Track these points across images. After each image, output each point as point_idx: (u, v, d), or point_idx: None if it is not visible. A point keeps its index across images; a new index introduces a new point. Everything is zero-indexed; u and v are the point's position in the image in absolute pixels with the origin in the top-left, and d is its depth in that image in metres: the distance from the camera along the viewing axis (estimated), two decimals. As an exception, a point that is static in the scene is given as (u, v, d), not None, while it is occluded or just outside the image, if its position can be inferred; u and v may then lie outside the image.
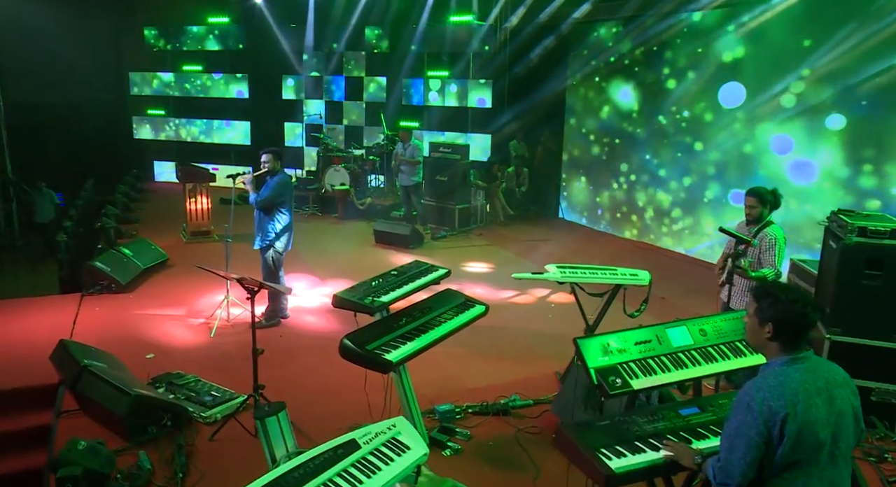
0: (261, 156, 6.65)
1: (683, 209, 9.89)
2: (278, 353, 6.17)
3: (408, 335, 4.12)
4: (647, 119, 10.33)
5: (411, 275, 4.57)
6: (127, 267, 7.97)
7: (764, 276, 4.81)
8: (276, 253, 6.64)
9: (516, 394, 5.33)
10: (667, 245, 10.20)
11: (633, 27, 10.15)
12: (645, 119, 10.37)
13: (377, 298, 4.07)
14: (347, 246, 10.10)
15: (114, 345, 5.97)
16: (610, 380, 2.81)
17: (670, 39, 9.67)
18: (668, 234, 10.21)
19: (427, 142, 12.28)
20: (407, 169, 10.58)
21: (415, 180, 10.71)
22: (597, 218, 11.63)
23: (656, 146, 10.23)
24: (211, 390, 5.16)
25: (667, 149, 10.06)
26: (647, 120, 10.31)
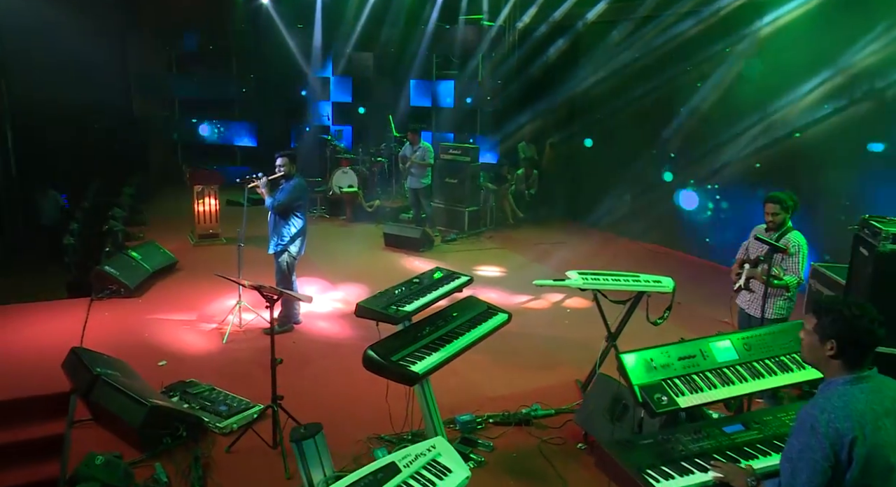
0: (276, 159, 6.54)
1: (695, 212, 9.78)
2: (292, 360, 6.03)
3: (432, 345, 4.02)
4: (662, 120, 10.21)
5: (434, 283, 4.46)
6: (136, 271, 7.86)
7: (787, 284, 4.70)
8: (290, 257, 6.54)
9: (537, 404, 5.23)
10: (679, 248, 10.08)
11: (649, 28, 10.00)
12: (660, 120, 10.24)
13: (401, 308, 3.96)
14: (357, 250, 9.98)
15: (125, 352, 5.87)
16: (655, 398, 2.69)
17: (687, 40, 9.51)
18: (680, 238, 10.09)
19: (437, 145, 12.15)
20: (416, 171, 10.46)
21: (424, 183, 10.59)
22: (607, 220, 11.50)
23: (670, 148, 10.12)
24: (226, 399, 5.05)
25: (682, 150, 9.95)
26: (663, 121, 10.19)
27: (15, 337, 6.27)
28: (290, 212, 6.46)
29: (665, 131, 10.03)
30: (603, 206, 11.53)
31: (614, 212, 11.30)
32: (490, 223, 11.65)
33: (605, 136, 11.45)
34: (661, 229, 10.46)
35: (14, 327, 6.52)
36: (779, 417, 2.86)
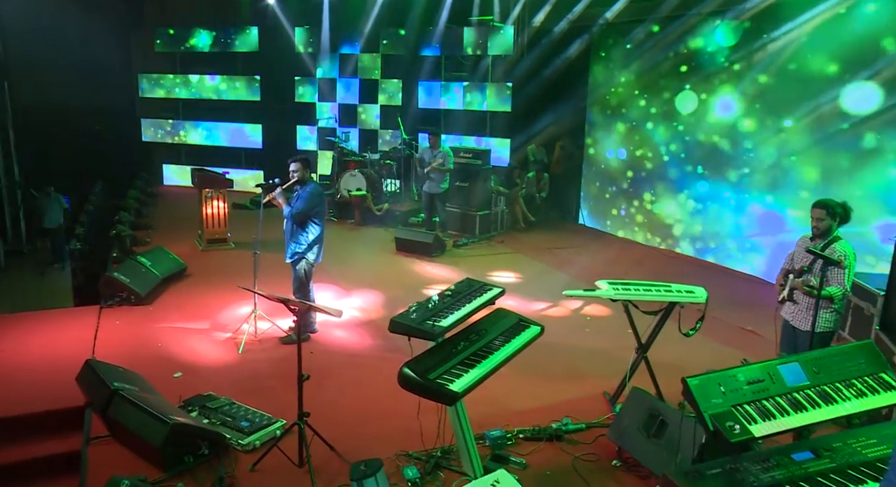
0: (289, 165, 6.36)
1: (711, 216, 9.63)
2: (312, 372, 5.77)
3: (468, 361, 3.86)
4: (676, 123, 10.08)
5: (467, 296, 4.30)
6: (145, 278, 7.69)
7: (831, 295, 4.54)
8: (308, 265, 6.37)
9: (567, 418, 5.07)
10: (691, 252, 9.94)
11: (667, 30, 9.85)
12: (675, 123, 10.11)
13: (437, 323, 3.80)
14: (369, 255, 9.81)
15: (139, 363, 5.71)
16: (727, 426, 2.54)
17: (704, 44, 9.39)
18: (695, 242, 9.95)
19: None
20: (436, 176, 10.28)
21: (443, 188, 10.41)
22: (620, 225, 11.36)
23: (686, 152, 9.98)
24: (247, 414, 4.88)
25: (697, 155, 9.80)
26: (677, 124, 10.06)
27: (24, 348, 6.10)
28: (308, 220, 6.29)
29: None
30: (615, 210, 11.42)
31: (628, 217, 11.19)
32: (501, 227, 11.50)
33: (618, 138, 11.30)
34: (674, 233, 10.32)
35: (23, 337, 6.35)
36: (849, 444, 2.71)
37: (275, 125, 14.35)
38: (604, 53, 11.26)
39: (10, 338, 6.27)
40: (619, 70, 10.92)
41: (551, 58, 11.73)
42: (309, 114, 14.14)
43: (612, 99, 11.20)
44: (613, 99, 11.16)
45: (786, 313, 4.98)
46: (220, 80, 14.45)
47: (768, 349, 6.56)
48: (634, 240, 11.01)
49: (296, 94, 14.17)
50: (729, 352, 6.53)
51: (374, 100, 13.77)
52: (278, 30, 13.66)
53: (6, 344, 6.13)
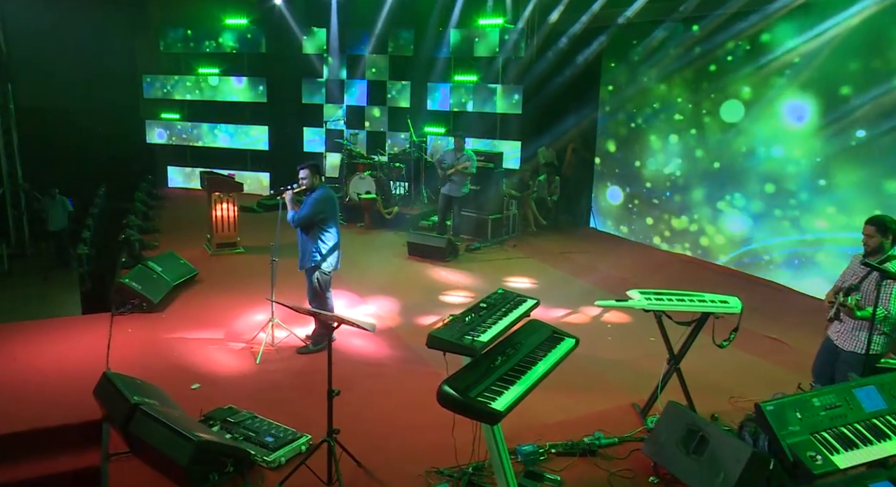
0: (298, 171, 6.21)
1: (732, 220, 9.50)
2: (334, 383, 5.74)
3: (507, 377, 3.71)
4: (692, 126, 9.95)
5: (504, 308, 4.15)
6: (157, 284, 7.53)
7: (866, 316, 4.33)
8: (322, 274, 6.21)
9: (599, 431, 4.93)
10: (713, 258, 9.80)
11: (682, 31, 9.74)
12: (690, 126, 9.98)
13: (477, 338, 3.65)
14: (381, 259, 9.66)
15: (154, 374, 5.56)
16: (808, 457, 2.40)
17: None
18: (717, 247, 9.82)
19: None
20: (458, 179, 10.12)
21: (463, 192, 10.25)
22: (634, 229, 11.22)
23: (702, 155, 9.85)
24: (270, 429, 4.73)
25: (714, 158, 9.68)
26: (692, 127, 9.93)
27: (37, 358, 5.94)
28: (317, 227, 6.12)
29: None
30: (629, 214, 11.29)
31: (640, 221, 11.06)
32: (512, 231, 11.35)
33: (631, 141, 11.17)
34: (691, 238, 10.19)
35: (35, 346, 6.18)
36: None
37: (281, 127, 14.18)
38: (619, 54, 11.11)
39: (21, 348, 6.11)
40: (636, 72, 10.77)
41: (564, 59, 11.58)
42: (316, 115, 13.98)
43: (628, 102, 11.05)
44: (630, 102, 11.01)
45: (831, 331, 4.80)
46: (227, 81, 14.28)
47: (796, 359, 6.44)
48: (649, 244, 10.86)
49: (303, 96, 14.01)
50: (756, 362, 6.41)
51: (383, 101, 13.61)
52: (285, 31, 13.49)
53: (18, 353, 5.98)
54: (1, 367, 5.65)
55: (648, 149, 10.75)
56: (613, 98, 11.39)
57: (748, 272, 9.25)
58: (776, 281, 8.84)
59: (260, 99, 14.13)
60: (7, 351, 5.98)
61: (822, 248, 8.31)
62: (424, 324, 7.21)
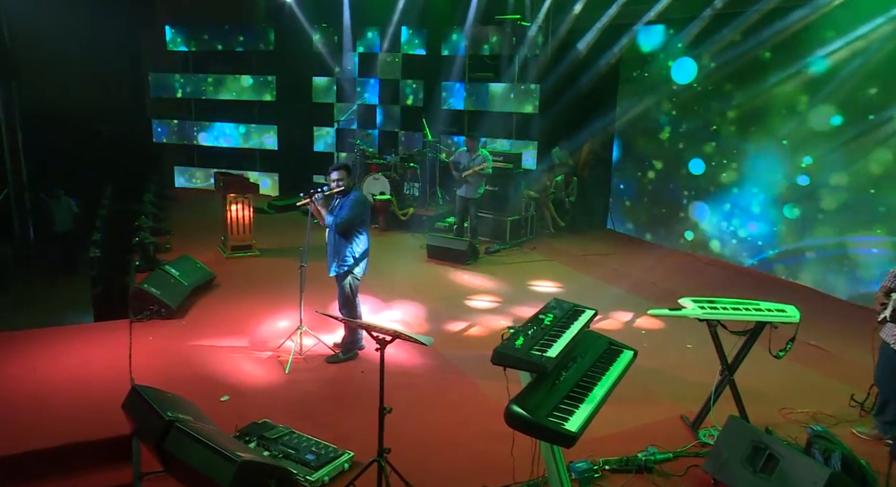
0: (330, 173, 5.97)
1: (756, 222, 9.31)
2: (366, 393, 5.50)
3: (574, 395, 3.51)
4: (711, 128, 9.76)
5: (563, 319, 3.93)
6: (175, 290, 7.28)
7: None
8: (354, 279, 5.99)
9: (653, 446, 4.71)
10: (739, 261, 9.61)
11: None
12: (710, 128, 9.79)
13: (545, 353, 3.43)
14: (400, 263, 9.42)
15: (181, 386, 5.32)
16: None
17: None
18: (742, 250, 9.63)
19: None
20: (473, 180, 9.89)
21: (479, 193, 10.02)
22: (654, 230, 11.02)
23: (723, 154, 9.65)
24: (310, 445, 4.50)
25: (737, 157, 9.48)
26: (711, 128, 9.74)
27: (56, 369, 5.68)
28: (353, 230, 5.90)
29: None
30: (648, 216, 11.09)
31: (660, 222, 10.86)
32: (530, 233, 11.14)
33: (651, 141, 10.96)
34: (713, 240, 9.99)
35: (52, 356, 5.93)
36: None
37: (291, 126, 13.93)
38: (639, 54, 10.90)
39: (40, 357, 5.85)
40: (657, 71, 10.57)
41: (583, 58, 11.35)
42: (326, 114, 13.73)
43: (648, 101, 10.84)
44: (650, 102, 10.80)
45: (886, 334, 4.64)
46: (235, 79, 14.02)
47: (841, 368, 6.26)
48: (669, 246, 10.66)
49: (313, 95, 13.75)
50: (800, 371, 6.20)
51: (395, 100, 13.37)
52: (295, 28, 13.23)
53: (37, 363, 5.72)
54: (22, 379, 5.40)
55: (668, 149, 10.54)
56: (633, 97, 11.17)
57: (775, 275, 9.06)
58: (806, 285, 8.65)
59: (269, 98, 13.87)
60: (25, 361, 5.73)
61: (853, 251, 8.12)
62: (453, 331, 7.00)
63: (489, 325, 7.17)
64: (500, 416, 5.19)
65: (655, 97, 10.64)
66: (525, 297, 8.14)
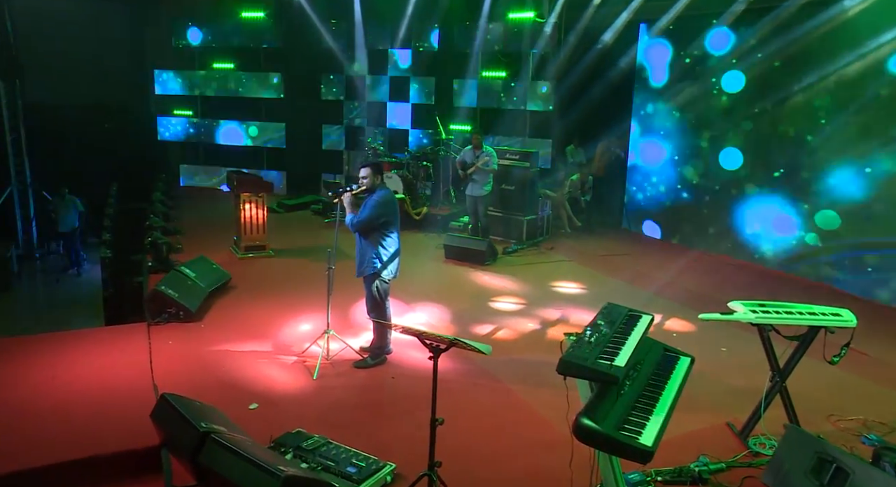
0: (358, 171, 5.78)
1: (780, 223, 9.14)
2: (401, 401, 5.34)
3: (641, 405, 3.32)
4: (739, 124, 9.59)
5: (621, 324, 3.74)
6: (192, 292, 7.06)
7: None
8: (382, 282, 5.79)
9: (704, 456, 4.53)
10: (762, 262, 9.44)
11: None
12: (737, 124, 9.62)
13: (614, 363, 3.23)
14: (418, 263, 9.20)
15: (206, 393, 5.10)
16: None
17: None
18: (765, 251, 9.46)
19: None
20: (479, 178, 9.70)
21: (486, 190, 9.84)
22: (672, 230, 10.84)
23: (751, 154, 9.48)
24: (349, 456, 4.30)
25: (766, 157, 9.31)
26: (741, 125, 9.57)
27: (76, 375, 5.46)
28: (378, 231, 5.70)
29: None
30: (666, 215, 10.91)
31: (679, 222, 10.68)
32: (546, 232, 10.95)
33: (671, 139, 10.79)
34: (730, 238, 9.82)
35: (70, 362, 5.71)
36: None
37: (299, 124, 13.72)
38: (657, 50, 10.72)
39: (59, 362, 5.64)
40: (675, 67, 10.39)
41: (598, 55, 11.16)
42: (335, 112, 13.52)
43: (667, 98, 10.67)
44: (669, 99, 10.63)
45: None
46: (242, 76, 13.79)
47: (884, 372, 6.09)
48: (688, 246, 10.49)
49: (321, 92, 13.53)
50: (843, 376, 5.99)
51: (406, 98, 13.16)
52: (304, 24, 12.98)
53: (56, 369, 5.51)
54: (41, 386, 5.19)
55: (690, 148, 10.37)
56: (651, 94, 10.99)
57: (799, 276, 8.89)
58: (834, 286, 8.48)
59: (277, 95, 13.64)
60: (44, 367, 5.52)
61: (879, 252, 7.97)
62: (480, 334, 6.80)
63: (516, 328, 6.98)
64: (540, 424, 5.05)
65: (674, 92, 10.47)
66: (549, 299, 7.95)
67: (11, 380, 5.31)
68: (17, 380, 5.34)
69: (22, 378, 5.37)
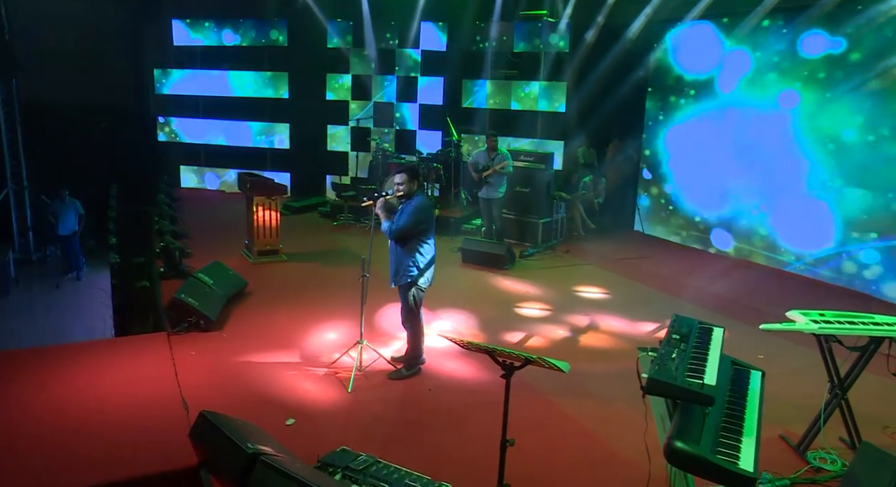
0: (394, 176, 5.57)
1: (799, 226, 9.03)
2: (443, 414, 5.14)
3: (728, 426, 3.16)
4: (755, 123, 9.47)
5: (697, 339, 3.58)
6: (211, 299, 6.82)
7: None
8: (418, 290, 5.59)
9: (766, 473, 4.37)
10: (778, 264, 9.32)
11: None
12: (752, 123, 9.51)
13: (704, 380, 3.06)
14: (436, 268, 8.95)
15: (239, 408, 4.89)
16: None
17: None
18: (783, 253, 9.34)
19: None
20: (494, 180, 9.52)
21: (501, 193, 9.66)
22: (685, 232, 10.71)
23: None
24: (402, 477, 4.08)
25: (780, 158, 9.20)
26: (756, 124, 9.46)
27: (99, 389, 5.19)
28: (415, 238, 5.49)
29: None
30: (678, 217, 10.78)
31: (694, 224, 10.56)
32: (560, 235, 10.78)
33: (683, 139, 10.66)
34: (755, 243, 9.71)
35: (91, 375, 5.44)
36: None
37: (304, 124, 13.45)
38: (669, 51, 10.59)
39: (80, 376, 5.37)
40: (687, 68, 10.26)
41: (610, 55, 10.98)
42: (341, 113, 13.27)
43: (679, 98, 10.54)
44: (680, 98, 10.49)
45: None
46: (245, 76, 13.51)
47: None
48: (702, 249, 10.37)
49: (327, 92, 13.28)
50: (889, 385, 5.87)
51: (413, 98, 12.94)
52: (309, 23, 12.73)
53: (78, 382, 5.25)
54: (67, 401, 4.93)
55: (703, 148, 10.24)
56: (663, 95, 10.86)
57: (818, 279, 8.77)
58: (856, 289, 8.38)
59: (281, 95, 13.38)
60: (66, 381, 5.26)
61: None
62: (511, 342, 6.62)
63: (547, 335, 6.80)
64: (591, 439, 4.86)
65: (685, 92, 10.34)
66: (575, 305, 7.79)
67: (31, 395, 5.05)
68: (36, 395, 5.07)
69: (41, 392, 5.10)
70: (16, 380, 5.31)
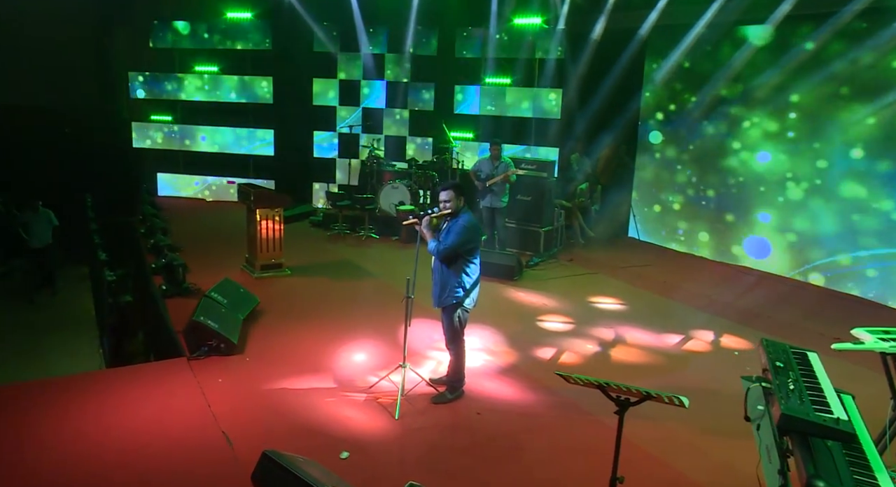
0: (439, 193, 5.35)
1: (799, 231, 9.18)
2: (497, 440, 4.95)
3: (854, 461, 3.05)
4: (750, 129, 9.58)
5: (801, 367, 3.49)
6: (229, 321, 6.46)
7: None
8: (464, 312, 5.39)
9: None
10: (780, 271, 9.45)
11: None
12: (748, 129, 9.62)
13: (834, 415, 2.96)
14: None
15: (284, 440, 4.67)
16: None
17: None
18: (783, 260, 9.48)
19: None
20: (497, 189, 9.38)
21: (504, 201, 9.53)
22: (682, 239, 10.78)
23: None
24: (483, 514, 3.89)
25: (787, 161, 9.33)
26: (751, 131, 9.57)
27: (132, 424, 4.85)
28: (462, 258, 5.28)
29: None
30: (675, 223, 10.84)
31: (692, 231, 10.63)
32: (559, 243, 10.72)
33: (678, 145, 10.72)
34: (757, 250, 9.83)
35: (112, 407, 5.09)
36: None
37: (289, 130, 13.06)
38: (662, 56, 10.62)
39: (105, 409, 5.01)
40: (680, 73, 10.32)
41: (604, 61, 10.97)
42: (327, 118, 12.93)
43: (672, 104, 10.60)
44: (674, 104, 10.56)
45: None
46: (227, 80, 13.03)
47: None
48: (701, 255, 10.45)
49: (313, 97, 12.91)
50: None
51: (403, 104, 12.69)
52: (295, 26, 12.35)
53: (106, 418, 4.88)
54: (100, 437, 4.58)
55: (699, 154, 10.32)
56: (656, 100, 10.91)
57: (820, 285, 8.92)
58: (854, 294, 8.54)
59: (265, 100, 12.95)
60: (86, 414, 4.90)
61: None
62: (545, 358, 6.49)
63: (577, 351, 6.69)
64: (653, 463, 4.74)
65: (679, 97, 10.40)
66: (595, 316, 7.71)
67: (57, 430, 4.68)
68: (65, 429, 4.72)
69: (68, 427, 4.75)
70: (27, 414, 4.92)
